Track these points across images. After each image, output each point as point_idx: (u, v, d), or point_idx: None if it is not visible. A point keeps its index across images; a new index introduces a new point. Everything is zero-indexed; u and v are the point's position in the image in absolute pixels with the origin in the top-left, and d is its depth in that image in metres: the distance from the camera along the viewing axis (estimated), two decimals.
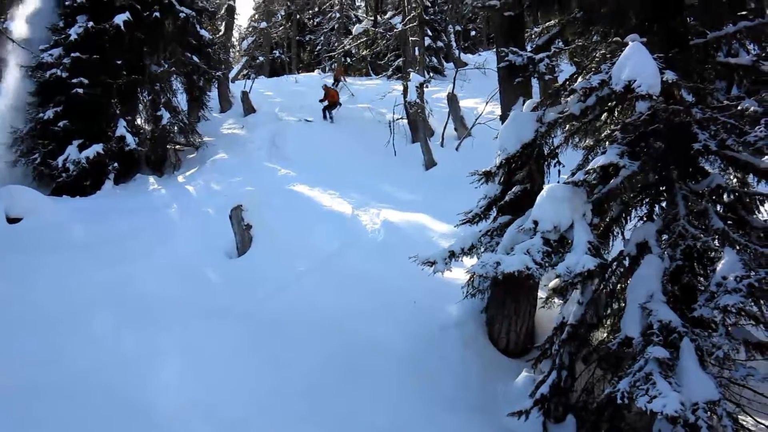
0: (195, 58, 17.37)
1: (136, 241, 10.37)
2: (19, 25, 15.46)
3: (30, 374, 6.57)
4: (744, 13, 5.91)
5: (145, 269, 9.14)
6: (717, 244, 5.47)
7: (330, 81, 25.63)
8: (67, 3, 15.06)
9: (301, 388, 6.77)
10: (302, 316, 8.06)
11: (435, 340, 7.78)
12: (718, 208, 5.77)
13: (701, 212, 5.57)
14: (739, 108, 5.58)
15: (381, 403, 6.68)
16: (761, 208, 5.83)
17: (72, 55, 14.78)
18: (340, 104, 21.07)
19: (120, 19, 14.77)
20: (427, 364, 7.38)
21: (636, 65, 4.95)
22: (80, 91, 14.55)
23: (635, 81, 4.88)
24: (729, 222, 5.61)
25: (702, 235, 5.39)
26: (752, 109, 5.50)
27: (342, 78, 24.19)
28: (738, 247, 5.27)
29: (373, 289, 8.73)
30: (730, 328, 5.18)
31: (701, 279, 5.69)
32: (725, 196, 5.83)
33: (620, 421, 5.61)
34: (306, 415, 6.40)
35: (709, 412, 4.59)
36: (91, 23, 14.95)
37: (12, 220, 10.57)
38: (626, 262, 6.14)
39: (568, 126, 6.37)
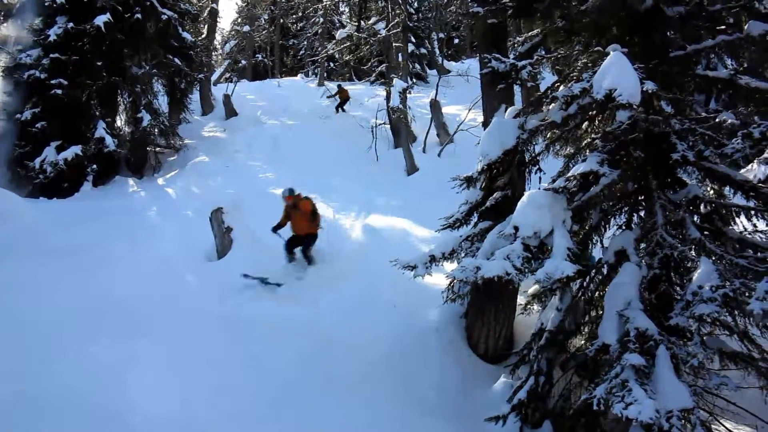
0: (177, 61, 17.28)
1: (115, 244, 10.27)
2: None
3: (4, 384, 6.45)
4: (722, 27, 6.00)
5: (123, 273, 9.05)
6: (693, 254, 5.54)
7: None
8: (46, 4, 14.87)
9: (275, 393, 6.72)
10: (281, 320, 8.03)
11: (414, 344, 7.79)
12: (695, 218, 5.85)
13: (679, 222, 5.64)
14: (716, 120, 5.68)
15: (356, 407, 6.66)
16: (737, 220, 5.92)
17: (51, 56, 14.65)
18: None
19: (100, 20, 14.65)
20: (405, 369, 7.38)
21: (617, 75, 5.00)
22: (59, 92, 14.41)
23: (616, 90, 4.93)
24: (705, 232, 5.69)
25: (679, 245, 5.46)
26: (729, 121, 5.60)
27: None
28: (714, 257, 5.36)
29: (353, 293, 8.72)
30: (705, 338, 5.26)
31: (678, 288, 5.74)
32: (702, 207, 5.92)
33: (596, 428, 5.63)
34: (278, 420, 6.35)
35: (683, 420, 4.63)
36: (71, 24, 14.83)
37: None
38: (604, 270, 6.19)
39: (549, 133, 6.41)
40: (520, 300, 7.99)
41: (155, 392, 6.54)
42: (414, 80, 26.42)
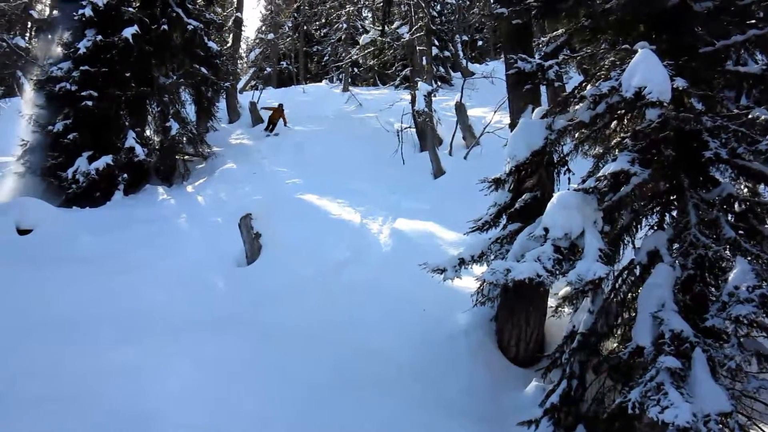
0: (203, 70, 17.45)
1: (146, 251, 10.41)
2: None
3: (32, 385, 6.55)
4: (752, 21, 5.89)
5: (154, 279, 9.17)
6: (728, 254, 5.44)
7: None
8: (75, 17, 15.17)
9: (304, 397, 6.74)
10: (310, 325, 8.06)
11: (443, 348, 7.75)
12: (730, 217, 5.74)
13: (712, 221, 5.54)
14: (749, 116, 5.56)
15: (384, 412, 6.64)
16: None
17: (81, 68, 14.91)
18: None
19: (128, 32, 14.90)
20: (435, 373, 7.35)
21: (646, 72, 4.93)
22: (89, 103, 14.66)
23: (646, 88, 4.86)
24: (740, 231, 5.57)
25: (713, 245, 5.36)
26: (763, 117, 5.48)
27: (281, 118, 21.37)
28: (750, 257, 5.24)
29: (382, 297, 8.72)
30: (742, 339, 5.13)
31: (713, 289, 5.64)
32: (736, 206, 5.80)
33: None
34: (308, 425, 6.37)
35: (721, 425, 4.54)
36: (99, 37, 15.08)
37: (22, 232, 10.64)
38: (637, 271, 6.10)
39: (577, 133, 6.35)
40: (551, 302, 7.90)
41: (184, 396, 6.61)
42: (438, 83, 26.36)
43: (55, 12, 16.74)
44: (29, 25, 25.25)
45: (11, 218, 10.68)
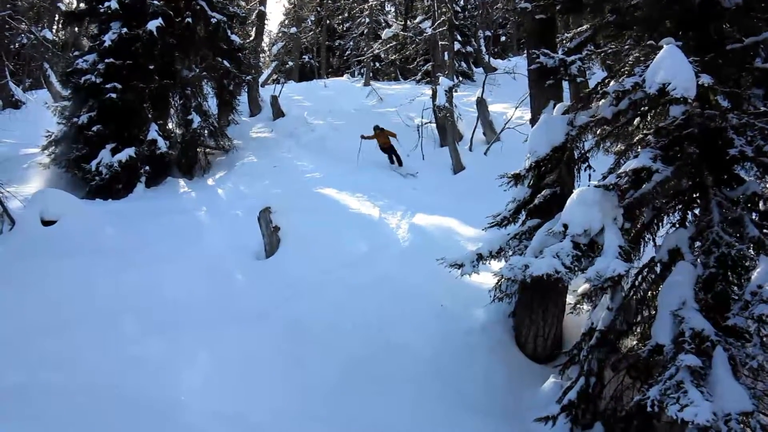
0: (226, 63, 17.53)
1: (166, 243, 10.49)
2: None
3: (54, 376, 6.65)
4: None
5: (174, 271, 9.24)
6: (752, 253, 5.37)
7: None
8: (101, 10, 15.30)
9: (324, 391, 6.79)
10: (328, 319, 8.09)
11: (460, 344, 7.75)
12: (754, 216, 5.66)
13: (736, 220, 5.47)
14: None
15: (403, 407, 6.68)
16: None
17: (106, 60, 15.02)
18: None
19: (153, 25, 14.97)
20: (452, 369, 7.36)
21: (671, 68, 4.87)
22: (114, 96, 14.77)
23: (670, 84, 4.81)
24: (765, 230, 5.50)
25: (737, 243, 5.29)
26: None
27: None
28: None
29: (399, 292, 8.72)
30: (764, 339, 5.08)
31: (735, 287, 5.57)
32: (761, 204, 5.73)
33: (649, 430, 5.52)
34: (328, 418, 6.41)
35: (742, 424, 4.49)
36: (124, 29, 15.18)
37: (46, 223, 10.76)
38: (657, 269, 6.05)
39: (599, 130, 6.30)
40: (569, 299, 7.87)
41: (206, 388, 6.68)
42: (460, 79, 26.25)
43: (82, 4, 16.87)
44: (57, 18, 25.53)
45: (36, 209, 10.80)
